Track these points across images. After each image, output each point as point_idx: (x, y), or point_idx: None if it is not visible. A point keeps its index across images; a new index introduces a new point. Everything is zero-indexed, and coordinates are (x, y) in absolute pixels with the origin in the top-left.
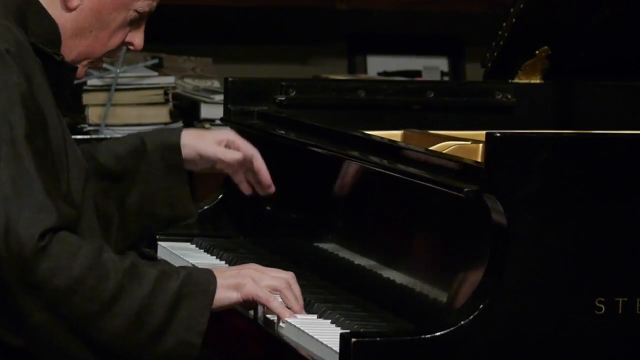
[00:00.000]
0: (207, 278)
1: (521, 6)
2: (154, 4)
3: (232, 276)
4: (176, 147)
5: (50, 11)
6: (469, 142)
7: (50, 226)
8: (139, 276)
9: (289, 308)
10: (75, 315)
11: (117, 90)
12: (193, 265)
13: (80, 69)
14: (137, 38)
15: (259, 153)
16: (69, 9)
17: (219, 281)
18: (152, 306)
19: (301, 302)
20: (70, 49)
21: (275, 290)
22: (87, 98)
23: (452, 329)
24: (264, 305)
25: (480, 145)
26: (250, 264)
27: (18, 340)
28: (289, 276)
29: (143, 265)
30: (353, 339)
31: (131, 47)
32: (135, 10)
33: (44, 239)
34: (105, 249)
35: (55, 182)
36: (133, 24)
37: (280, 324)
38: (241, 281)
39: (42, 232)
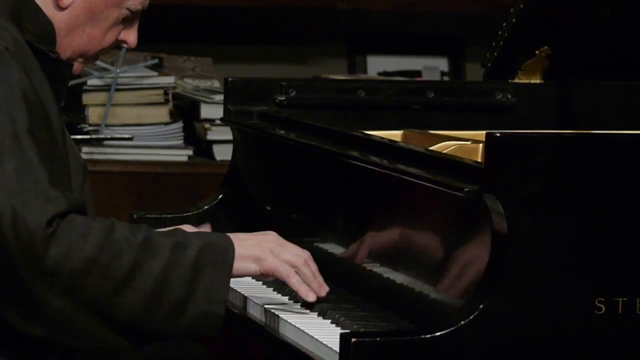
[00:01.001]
0: (224, 246)
1: (521, 6)
2: (146, 1)
3: (252, 246)
4: None
5: (43, 10)
6: (469, 142)
7: (57, 212)
8: (153, 249)
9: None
10: (92, 295)
11: (117, 90)
12: None
13: (76, 66)
14: (131, 36)
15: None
16: (61, 8)
17: (238, 250)
18: (169, 279)
19: (320, 279)
20: (64, 48)
21: (292, 266)
22: (87, 98)
23: (452, 329)
24: (283, 280)
25: (480, 145)
26: (270, 232)
27: (39, 330)
28: (306, 254)
29: (157, 237)
30: (353, 339)
31: (125, 45)
32: (128, 9)
33: (51, 225)
34: (116, 226)
35: (60, 173)
36: (126, 22)
37: (281, 323)
38: (261, 254)
39: (49, 218)
